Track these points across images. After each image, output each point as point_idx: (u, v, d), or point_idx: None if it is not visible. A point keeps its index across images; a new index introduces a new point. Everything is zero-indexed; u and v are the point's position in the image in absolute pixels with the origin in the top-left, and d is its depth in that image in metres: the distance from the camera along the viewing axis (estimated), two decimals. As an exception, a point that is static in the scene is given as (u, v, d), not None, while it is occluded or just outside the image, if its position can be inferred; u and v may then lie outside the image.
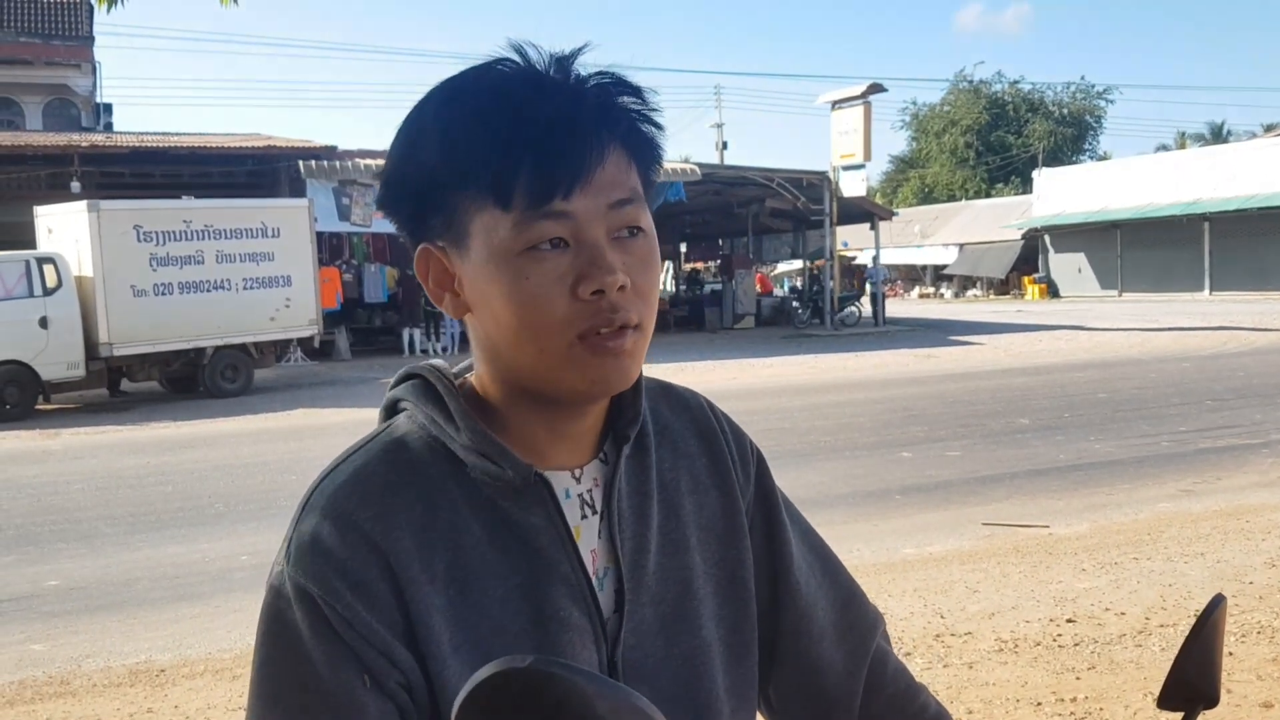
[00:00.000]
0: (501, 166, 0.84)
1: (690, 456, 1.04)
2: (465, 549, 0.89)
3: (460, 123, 0.86)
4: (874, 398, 13.50)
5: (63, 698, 4.48)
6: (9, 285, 14.09)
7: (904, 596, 5.36)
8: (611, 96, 0.88)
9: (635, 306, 0.88)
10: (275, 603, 0.87)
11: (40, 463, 10.61)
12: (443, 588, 0.88)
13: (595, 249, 0.86)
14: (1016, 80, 60.99)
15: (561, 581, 0.92)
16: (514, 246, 0.85)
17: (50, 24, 31.14)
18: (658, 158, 0.92)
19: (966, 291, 47.82)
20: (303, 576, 0.85)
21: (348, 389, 16.46)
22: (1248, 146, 40.78)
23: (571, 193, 0.84)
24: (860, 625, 1.11)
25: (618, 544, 0.95)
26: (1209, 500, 7.43)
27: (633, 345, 0.88)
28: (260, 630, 0.88)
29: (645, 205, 0.90)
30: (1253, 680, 4.09)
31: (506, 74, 0.87)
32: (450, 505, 0.90)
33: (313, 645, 0.85)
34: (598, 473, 0.97)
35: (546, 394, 0.91)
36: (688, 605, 0.99)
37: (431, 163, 0.87)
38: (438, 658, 0.86)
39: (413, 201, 0.90)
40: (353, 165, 21.21)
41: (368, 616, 0.85)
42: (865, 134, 25.00)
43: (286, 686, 0.86)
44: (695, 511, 1.02)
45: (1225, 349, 18.67)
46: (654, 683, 0.96)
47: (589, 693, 0.63)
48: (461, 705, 0.64)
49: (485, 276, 0.87)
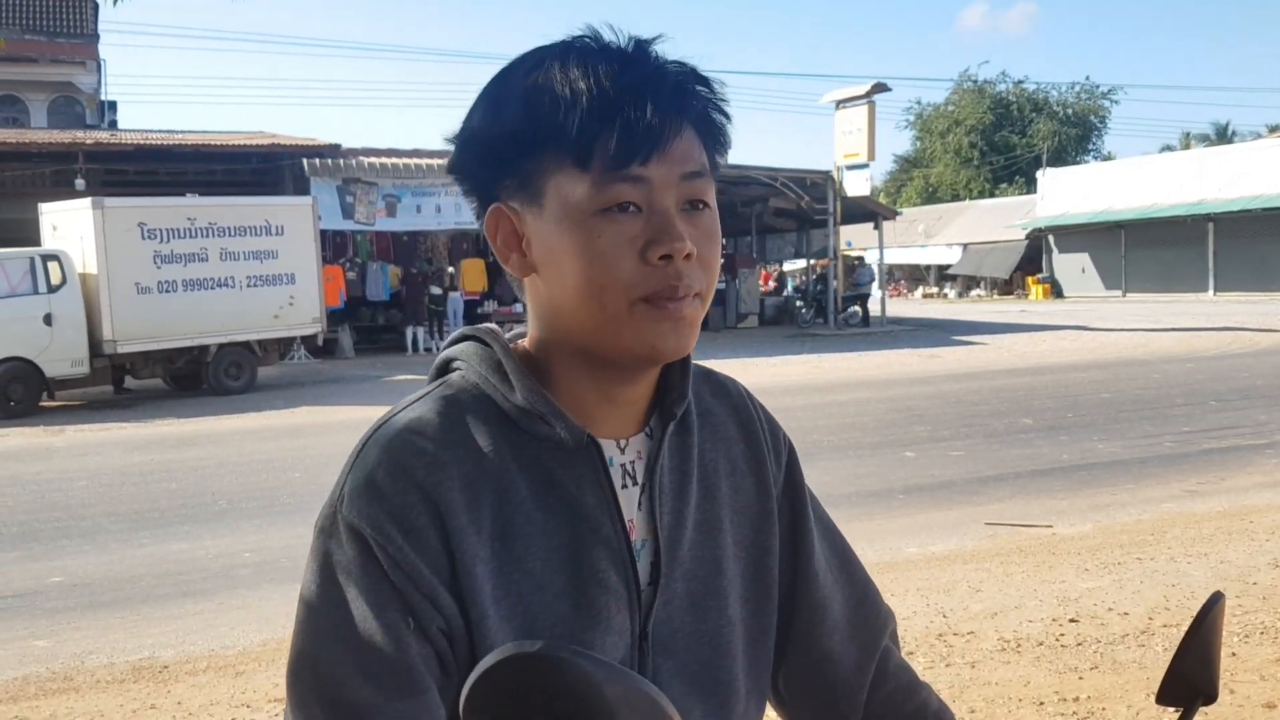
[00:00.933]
0: (585, 127, 0.87)
1: (729, 441, 1.07)
2: (511, 505, 0.92)
3: (547, 86, 0.89)
4: (877, 397, 13.49)
5: (66, 694, 4.49)
6: (13, 282, 14.11)
7: (907, 596, 5.36)
8: (688, 80, 0.93)
9: (699, 276, 0.91)
10: (326, 541, 0.90)
11: (44, 459, 10.63)
12: (488, 540, 0.90)
13: (666, 216, 0.90)
14: (1021, 80, 60.98)
15: (603, 544, 0.94)
16: (589, 206, 0.89)
17: (55, 21, 31.19)
18: (725, 144, 0.96)
19: (970, 291, 47.77)
20: (356, 517, 0.88)
21: (351, 387, 16.47)
22: (1253, 147, 40.71)
23: (649, 159, 0.88)
24: (872, 622, 1.13)
25: (657, 517, 0.98)
26: (1212, 501, 7.42)
27: (692, 313, 0.92)
28: (310, 568, 0.90)
29: (713, 183, 0.94)
30: (1256, 680, 4.08)
31: (591, 48, 0.91)
32: (499, 462, 0.92)
33: (361, 584, 0.87)
34: (642, 446, 1.00)
35: (604, 355, 0.93)
36: (718, 584, 1.02)
37: (514, 123, 0.90)
38: (479, 606, 0.89)
39: (490, 161, 0.93)
40: (357, 164, 21.23)
41: (416, 560, 0.87)
42: (869, 133, 24.97)
43: (333, 622, 0.88)
44: (731, 494, 1.05)
45: (1229, 350, 18.64)
46: (680, 657, 0.99)
47: (598, 678, 0.64)
48: (471, 688, 0.65)
49: (558, 234, 0.90)
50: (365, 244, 23.39)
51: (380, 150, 22.71)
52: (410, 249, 23.75)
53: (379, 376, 17.73)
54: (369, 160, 21.50)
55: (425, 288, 21.85)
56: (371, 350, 22.04)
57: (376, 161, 21.51)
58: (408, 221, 21.74)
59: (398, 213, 21.44)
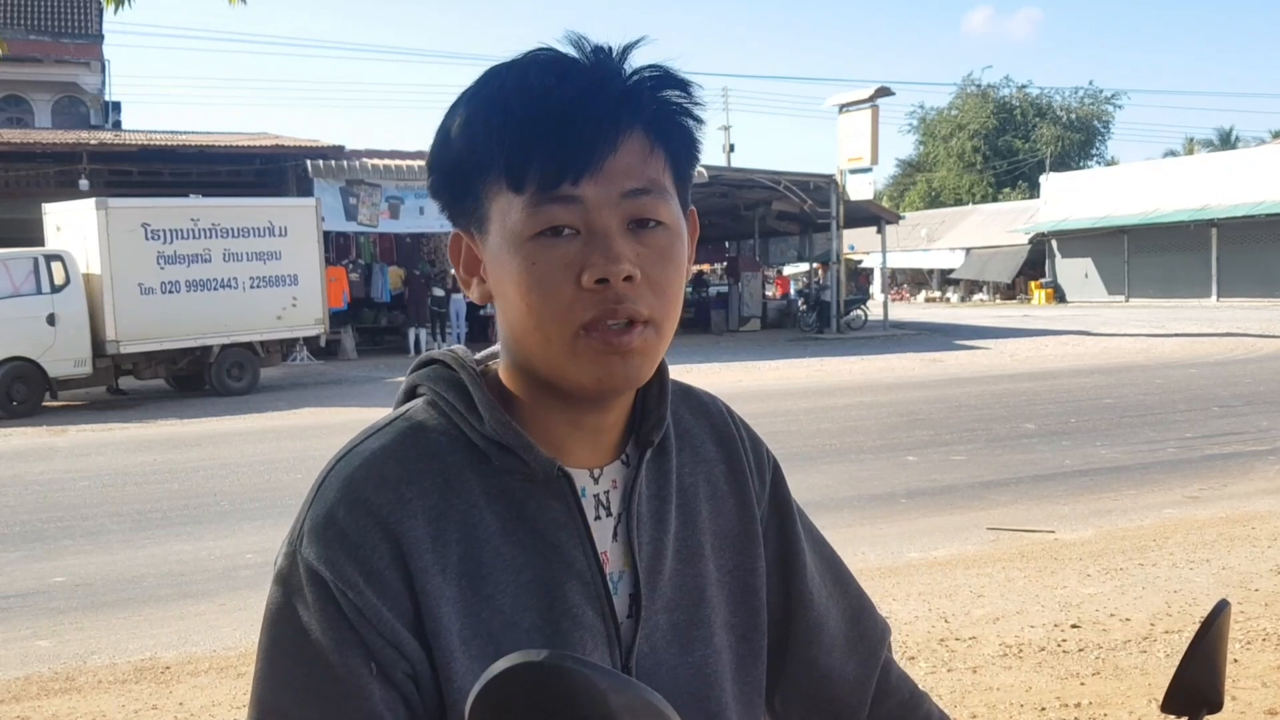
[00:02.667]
0: (514, 149, 0.84)
1: (709, 462, 1.03)
2: (479, 541, 0.88)
3: (483, 108, 0.86)
4: (879, 401, 13.49)
5: (68, 693, 4.50)
6: (17, 282, 14.13)
7: (908, 600, 5.35)
8: (643, 86, 0.87)
9: (646, 300, 0.86)
10: (285, 584, 0.86)
11: (47, 459, 10.64)
12: (455, 579, 0.87)
13: (604, 237, 0.85)
14: (1024, 85, 61.08)
15: (576, 578, 0.91)
16: (525, 231, 0.85)
17: (60, 22, 31.23)
18: (691, 150, 0.90)
19: (973, 296, 47.74)
20: (315, 559, 0.85)
21: (353, 388, 16.48)
22: (1256, 153, 40.68)
23: (581, 177, 0.84)
24: (870, 636, 1.11)
25: (635, 548, 0.94)
26: (1215, 507, 7.41)
27: (641, 343, 0.86)
28: (269, 611, 0.87)
29: (668, 197, 0.88)
30: (1258, 687, 4.08)
31: (536, 61, 0.87)
32: (466, 495, 0.89)
33: (321, 629, 0.84)
34: (617, 474, 0.96)
35: (557, 386, 0.89)
36: (701, 613, 0.98)
37: (458, 148, 0.88)
38: (446, 649, 0.85)
39: (446, 187, 0.91)
40: (360, 165, 21.25)
41: (378, 604, 0.84)
42: (873, 137, 24.98)
43: (293, 668, 0.85)
44: (711, 518, 1.01)
45: (1232, 355, 18.62)
46: (667, 691, 0.94)
47: (603, 688, 0.64)
48: (476, 698, 0.64)
49: (500, 260, 0.87)
50: (368, 245, 23.42)
51: (384, 152, 22.72)
52: (413, 250, 23.76)
53: (381, 378, 17.74)
54: (372, 162, 21.52)
55: (428, 289, 21.87)
56: (374, 351, 22.06)
57: (380, 163, 21.53)
58: (411, 223, 21.75)
59: (401, 214, 21.45)
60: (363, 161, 21.43)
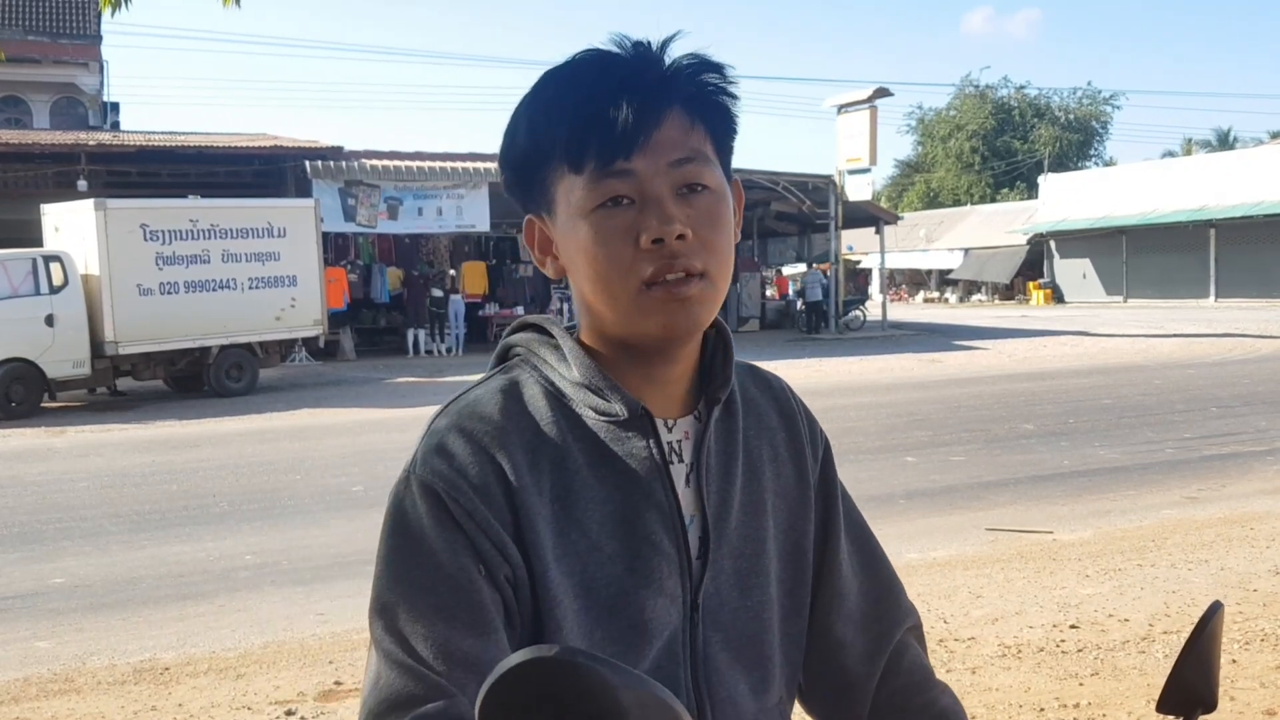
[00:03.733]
0: (571, 136, 0.95)
1: (772, 430, 1.13)
2: (569, 472, 0.98)
3: (541, 106, 0.99)
4: (878, 402, 13.49)
5: (67, 695, 4.50)
6: (15, 283, 14.12)
7: (907, 601, 5.35)
8: (679, 69, 0.98)
9: (699, 255, 0.96)
10: (402, 500, 0.96)
11: (45, 460, 10.64)
12: (549, 501, 0.97)
13: (657, 202, 0.95)
14: (1023, 85, 61.04)
15: (656, 509, 1.00)
16: (587, 205, 0.96)
17: (58, 22, 31.21)
18: (729, 123, 1.01)
19: (971, 296, 47.77)
20: (430, 475, 0.95)
21: (352, 389, 16.48)
22: (1254, 153, 40.71)
23: (632, 153, 0.95)
24: (888, 616, 1.17)
25: (705, 495, 1.04)
26: (1213, 507, 7.42)
27: (699, 292, 0.97)
28: (387, 524, 0.97)
29: (711, 164, 0.99)
30: (1256, 688, 4.09)
31: (585, 61, 0.99)
32: (557, 433, 0.99)
33: (436, 534, 0.94)
34: (689, 428, 1.05)
35: (629, 340, 1.00)
36: (761, 563, 1.08)
37: (523, 144, 1.00)
38: (542, 560, 0.95)
39: (518, 180, 1.03)
40: (359, 166, 21.24)
41: (485, 512, 0.94)
42: (871, 138, 24.98)
43: (412, 569, 0.93)
44: (773, 479, 1.11)
45: (1230, 356, 18.64)
46: (728, 630, 1.05)
47: (613, 684, 0.64)
48: (487, 693, 0.65)
49: (569, 235, 0.99)
50: (367, 246, 23.41)
51: (382, 153, 22.72)
52: (412, 251, 23.76)
53: (380, 379, 17.74)
54: (371, 163, 21.51)
55: (426, 290, 21.87)
56: (373, 352, 22.05)
57: (379, 164, 21.52)
58: (409, 224, 21.75)
59: (399, 215, 21.45)
60: (361, 162, 21.43)
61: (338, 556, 6.52)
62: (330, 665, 4.67)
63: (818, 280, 26.92)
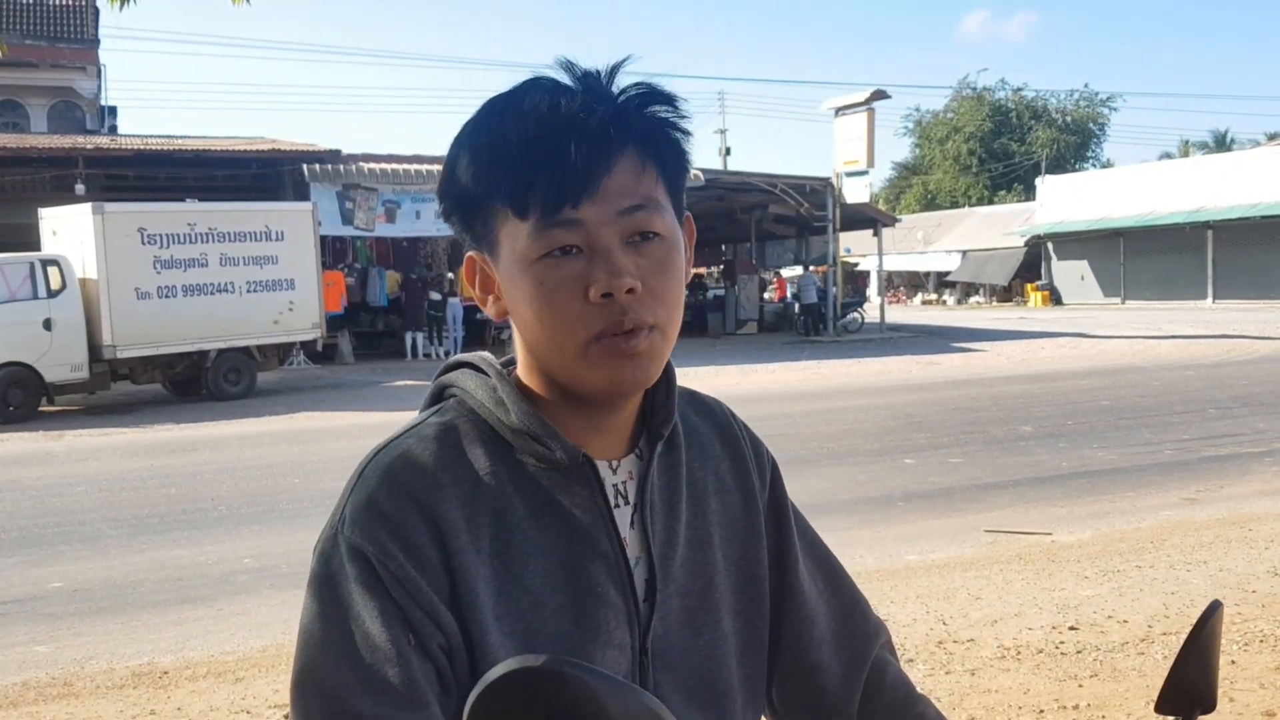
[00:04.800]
0: (516, 181, 0.90)
1: (715, 459, 1.09)
2: (509, 525, 0.94)
3: (486, 142, 0.93)
4: (877, 404, 13.49)
5: (65, 699, 4.49)
6: (13, 287, 14.11)
7: (906, 603, 5.36)
8: (630, 105, 0.93)
9: (649, 308, 0.92)
10: (328, 562, 0.91)
11: (44, 465, 10.62)
12: (488, 559, 0.92)
13: (606, 253, 0.90)
14: (1020, 87, 61.03)
15: (600, 559, 0.96)
16: (532, 253, 0.91)
17: (55, 26, 31.20)
18: (681, 162, 0.96)
19: (969, 298, 47.79)
20: (358, 536, 0.90)
21: (350, 392, 16.47)
22: (1251, 155, 40.77)
23: (580, 201, 0.89)
24: (859, 634, 1.15)
25: (650, 535, 1.00)
26: (1212, 508, 7.42)
27: (648, 346, 0.92)
28: (312, 587, 0.92)
29: (662, 210, 0.94)
30: (1255, 689, 4.09)
31: (529, 92, 0.93)
32: (496, 483, 0.95)
33: (363, 601, 0.89)
34: (632, 466, 1.02)
35: (574, 390, 0.96)
36: (710, 599, 1.04)
37: (465, 179, 0.94)
38: (480, 623, 0.91)
39: (458, 215, 0.97)
40: (356, 169, 21.23)
41: (417, 577, 0.89)
42: (869, 140, 25.01)
43: (336, 638, 0.89)
44: (719, 510, 1.07)
45: (1228, 357, 18.65)
46: (679, 671, 1.01)
47: (600, 692, 0.64)
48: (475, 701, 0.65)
49: (512, 281, 0.94)
50: (365, 249, 23.41)
51: (380, 156, 22.71)
52: (410, 255, 23.76)
53: (378, 382, 17.73)
54: (369, 166, 21.50)
55: (425, 293, 21.86)
56: (371, 356, 22.04)
57: (376, 167, 21.52)
58: (407, 227, 21.75)
59: (397, 218, 21.44)
60: (359, 165, 21.42)
61: (336, 560, 6.50)
62: (329, 669, 4.66)
63: (812, 283, 26.96)
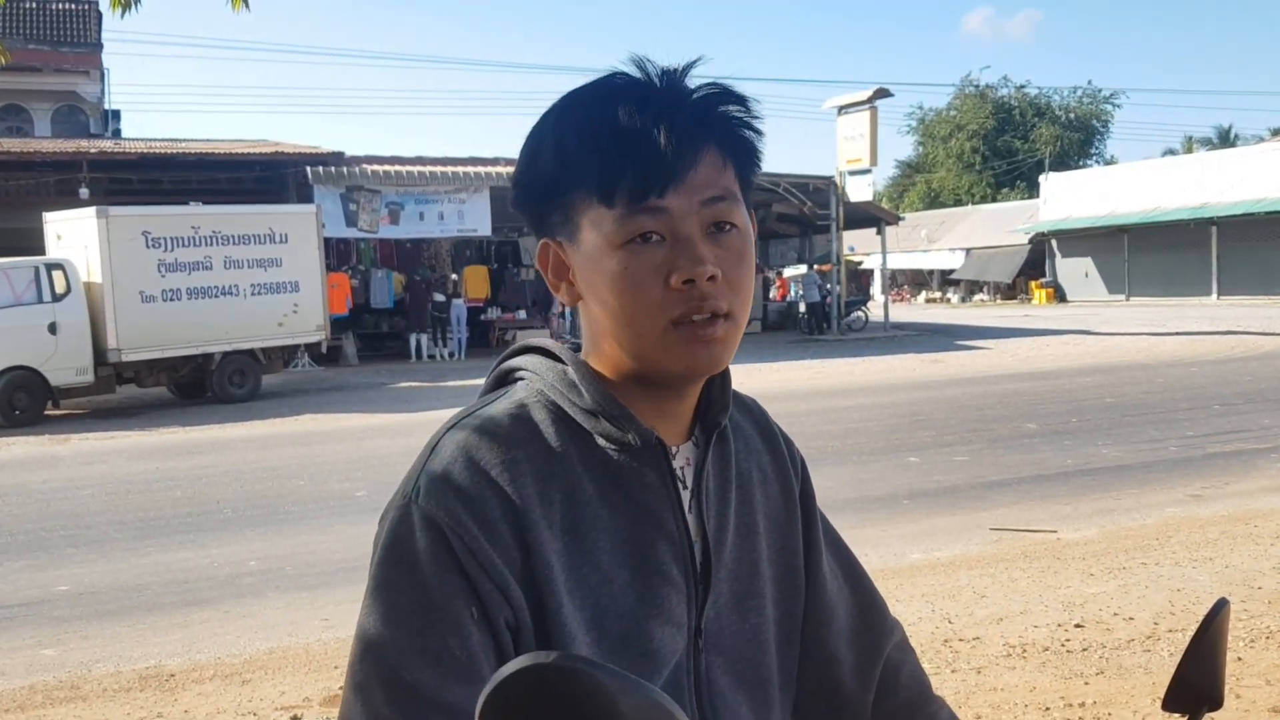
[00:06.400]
0: (605, 169, 0.93)
1: (757, 452, 1.14)
2: (579, 503, 0.97)
3: (572, 132, 0.96)
4: (881, 402, 13.49)
5: (73, 702, 4.50)
6: (18, 291, 14.14)
7: (912, 601, 5.35)
8: (711, 104, 0.97)
9: (726, 296, 0.96)
10: (398, 530, 0.93)
11: (50, 468, 10.65)
12: (559, 534, 0.95)
13: (688, 242, 0.94)
14: (1023, 85, 60.96)
15: (666, 539, 1.00)
16: (616, 239, 0.94)
17: (59, 31, 31.26)
18: (755, 160, 1.01)
19: (973, 296, 47.73)
20: (433, 507, 0.92)
21: (355, 394, 16.49)
22: (1255, 151, 40.65)
23: (666, 191, 0.93)
24: (874, 630, 1.18)
25: (705, 520, 1.04)
26: (1217, 505, 7.42)
27: (724, 333, 0.96)
28: (380, 555, 0.93)
29: (740, 203, 0.98)
30: (1262, 685, 4.08)
31: (616, 86, 0.97)
32: (566, 462, 0.97)
33: (431, 571, 0.90)
34: (690, 453, 1.05)
35: (647, 375, 0.99)
36: (756, 585, 1.08)
37: (549, 168, 0.97)
38: (555, 595, 0.93)
39: (536, 202, 1.00)
40: (360, 171, 21.26)
41: (490, 550, 0.91)
42: (872, 139, 24.98)
43: (400, 607, 0.91)
44: (763, 501, 1.12)
45: (1233, 354, 18.62)
46: (729, 654, 1.05)
47: (613, 689, 0.64)
48: (487, 699, 0.65)
49: (593, 266, 0.97)
50: (369, 251, 23.43)
51: (383, 158, 22.73)
52: (414, 256, 23.78)
53: (383, 384, 17.75)
54: (372, 168, 21.52)
55: (429, 295, 21.87)
56: (375, 357, 22.06)
57: (380, 169, 21.54)
58: (411, 229, 21.77)
59: (401, 220, 21.47)
60: (363, 167, 21.44)
61: (342, 562, 6.52)
62: (336, 670, 4.68)
63: (814, 282, 26.96)
